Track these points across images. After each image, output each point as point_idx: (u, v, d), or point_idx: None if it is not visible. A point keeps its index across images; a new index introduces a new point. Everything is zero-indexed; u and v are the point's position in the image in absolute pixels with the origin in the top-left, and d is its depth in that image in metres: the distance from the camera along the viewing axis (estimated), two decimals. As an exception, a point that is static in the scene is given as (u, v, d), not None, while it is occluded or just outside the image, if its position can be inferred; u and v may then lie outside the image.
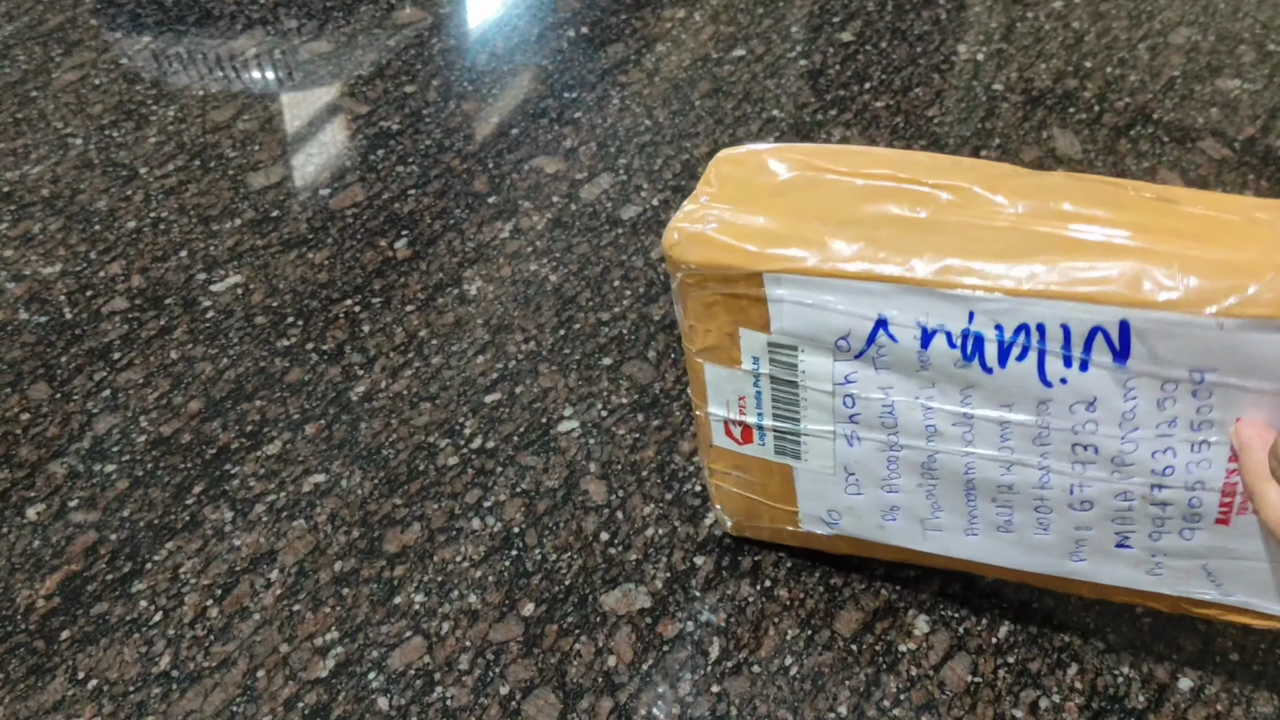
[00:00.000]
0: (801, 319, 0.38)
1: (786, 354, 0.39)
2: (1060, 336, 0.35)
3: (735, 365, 0.40)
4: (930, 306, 0.36)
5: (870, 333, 0.37)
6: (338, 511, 0.50)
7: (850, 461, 0.41)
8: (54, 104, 0.75)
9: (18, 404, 0.55)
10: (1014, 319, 0.35)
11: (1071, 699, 0.43)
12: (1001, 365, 0.36)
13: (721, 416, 0.42)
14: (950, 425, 0.38)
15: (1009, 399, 0.37)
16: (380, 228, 0.65)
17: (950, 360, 0.36)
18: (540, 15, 0.84)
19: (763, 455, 0.43)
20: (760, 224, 0.38)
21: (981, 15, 0.84)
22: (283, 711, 0.43)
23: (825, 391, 0.39)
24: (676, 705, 0.43)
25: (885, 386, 0.38)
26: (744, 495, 0.45)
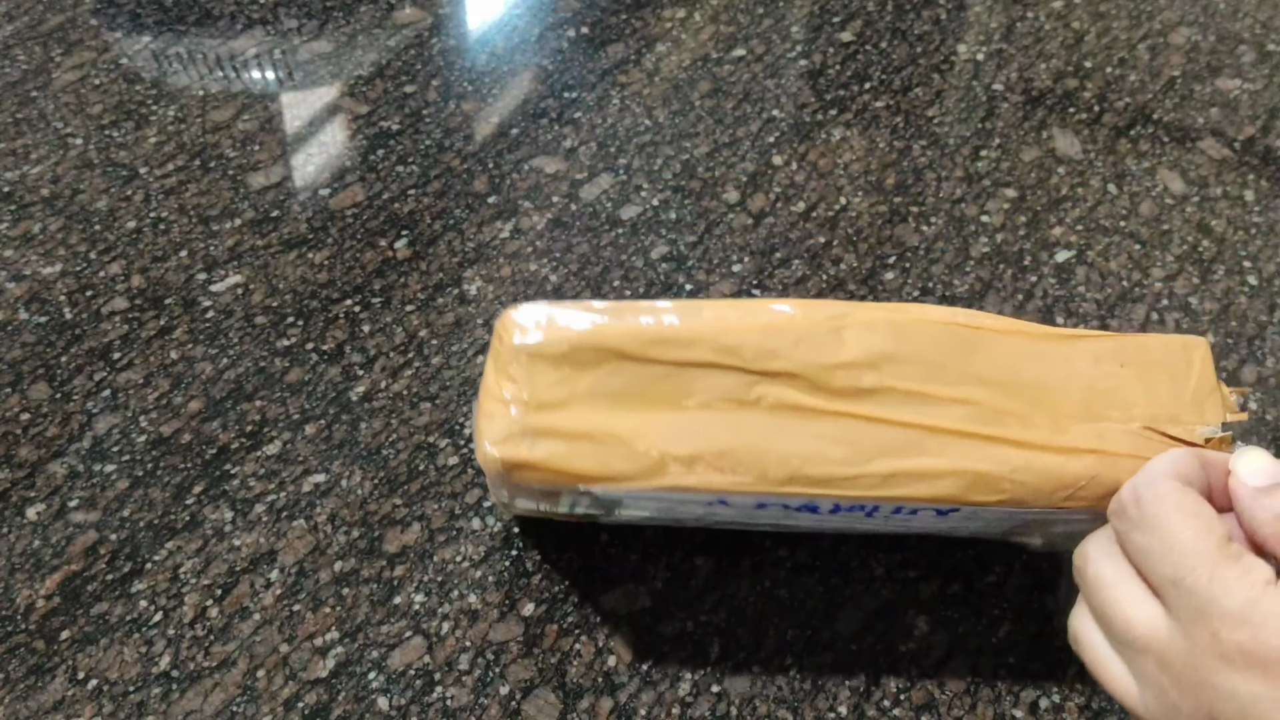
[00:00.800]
0: (636, 506, 0.39)
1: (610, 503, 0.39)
2: (890, 510, 0.37)
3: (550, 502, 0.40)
4: (773, 499, 0.37)
5: (707, 504, 0.38)
6: (338, 511, 0.50)
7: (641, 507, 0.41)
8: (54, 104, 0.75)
9: (18, 404, 0.55)
10: (859, 502, 0.37)
11: (1071, 699, 0.43)
12: (833, 513, 0.38)
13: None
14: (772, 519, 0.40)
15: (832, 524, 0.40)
16: (380, 228, 0.65)
17: (781, 512, 0.38)
18: (540, 15, 0.84)
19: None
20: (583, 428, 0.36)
21: (981, 15, 0.84)
22: (283, 711, 0.43)
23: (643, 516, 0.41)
24: (676, 705, 0.43)
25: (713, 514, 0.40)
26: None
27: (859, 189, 0.67)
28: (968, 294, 0.60)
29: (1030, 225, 0.64)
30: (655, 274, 0.61)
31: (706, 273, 0.61)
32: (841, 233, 0.64)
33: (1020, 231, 0.64)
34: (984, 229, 0.64)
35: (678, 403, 0.36)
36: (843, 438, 0.36)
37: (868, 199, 0.66)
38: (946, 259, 0.62)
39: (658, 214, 0.65)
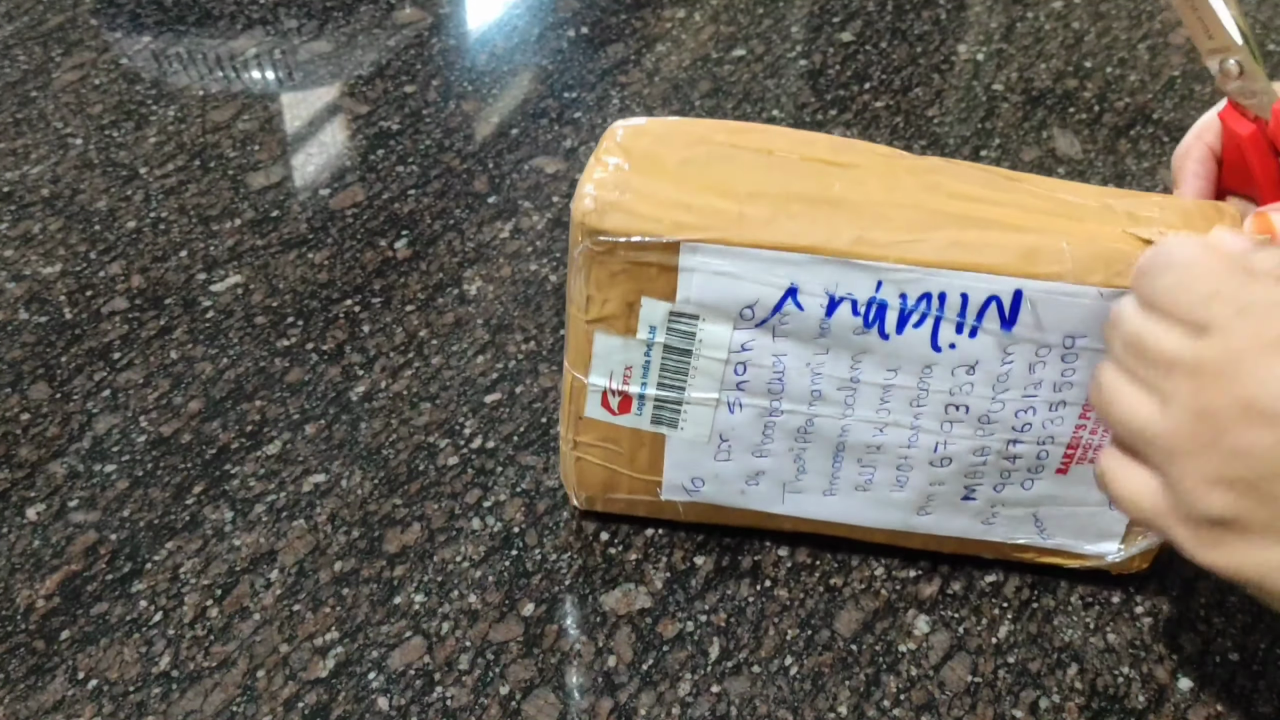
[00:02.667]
0: (710, 288, 0.39)
1: (687, 323, 0.40)
2: (958, 305, 0.38)
3: (630, 334, 0.41)
4: (842, 276, 0.38)
5: (778, 301, 0.39)
6: (338, 511, 0.50)
7: (727, 428, 0.43)
8: (54, 104, 0.75)
9: (18, 404, 0.55)
10: (918, 288, 0.38)
11: (1071, 699, 0.43)
12: (899, 332, 0.39)
13: (601, 386, 0.43)
14: (835, 389, 0.41)
15: (896, 364, 0.40)
16: (380, 228, 0.65)
17: (850, 328, 0.39)
18: (540, 15, 0.84)
19: (636, 425, 0.44)
20: (674, 195, 0.39)
21: (981, 15, 0.84)
22: (283, 711, 0.43)
23: (718, 359, 0.41)
24: (676, 705, 0.43)
25: (779, 354, 0.40)
26: (606, 467, 0.45)
27: (859, 189, 0.67)
28: (968, 294, 0.60)
29: (1030, 225, 0.64)
30: (655, 274, 0.61)
31: (706, 273, 0.61)
32: (841, 233, 0.64)
33: (1020, 231, 0.64)
34: (984, 229, 0.64)
35: (759, 183, 0.39)
36: (908, 212, 0.38)
37: (868, 199, 0.66)
38: (946, 259, 0.62)
39: (658, 214, 0.65)
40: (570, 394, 0.44)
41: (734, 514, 0.46)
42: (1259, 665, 0.44)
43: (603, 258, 0.39)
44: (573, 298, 0.41)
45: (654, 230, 0.38)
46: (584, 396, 0.43)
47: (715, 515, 0.47)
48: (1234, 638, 0.45)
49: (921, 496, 0.43)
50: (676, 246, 0.38)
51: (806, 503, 0.45)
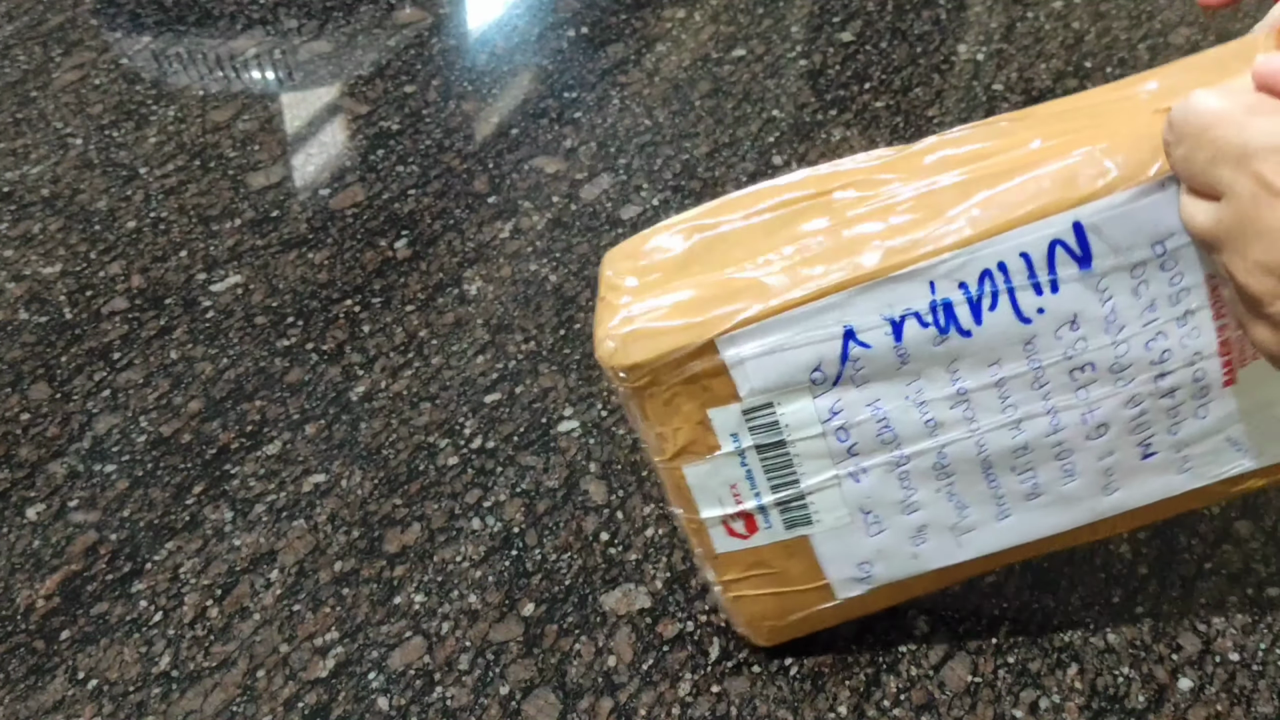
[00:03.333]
0: (768, 370, 0.36)
1: (763, 415, 0.37)
2: (1023, 267, 0.34)
3: (715, 452, 0.38)
4: (890, 296, 0.35)
5: (841, 351, 0.36)
6: (338, 511, 0.50)
7: (863, 500, 0.39)
8: (54, 104, 0.75)
9: (18, 404, 0.55)
10: (974, 269, 0.34)
11: (1071, 699, 0.43)
12: (978, 322, 0.35)
13: (718, 517, 0.39)
14: (948, 410, 0.37)
15: (995, 355, 0.35)
16: (380, 228, 0.65)
17: (928, 340, 0.35)
18: (540, 15, 0.84)
19: (772, 539, 0.40)
20: (687, 296, 0.36)
21: (981, 15, 0.84)
22: (283, 711, 0.43)
23: (815, 435, 0.37)
24: (676, 705, 0.43)
25: (872, 401, 0.37)
26: (766, 595, 0.41)
27: (859, 189, 0.67)
28: (968, 294, 0.60)
29: (1030, 225, 0.64)
30: (655, 274, 0.61)
31: (706, 273, 0.61)
32: (841, 233, 0.64)
33: (1020, 231, 0.64)
34: (984, 229, 0.64)
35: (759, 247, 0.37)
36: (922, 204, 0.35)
37: (868, 199, 0.66)
38: (946, 259, 0.62)
39: (658, 214, 0.65)
40: (693, 538, 0.41)
41: (920, 581, 0.41)
42: (1259, 665, 0.44)
43: (650, 390, 0.37)
44: (645, 443, 0.39)
45: (683, 340, 0.36)
46: (706, 535, 0.40)
47: (904, 591, 0.42)
48: (1234, 638, 0.45)
49: (1098, 476, 0.38)
50: (713, 345, 0.35)
51: (984, 537, 0.39)
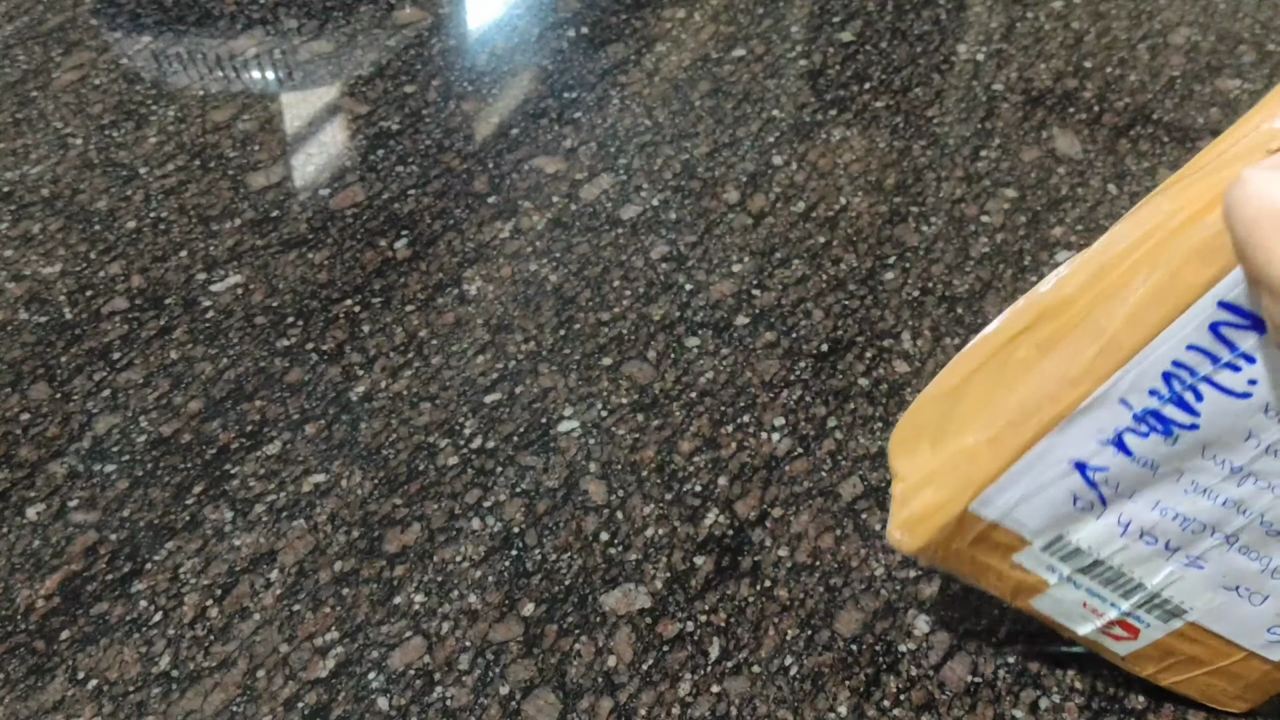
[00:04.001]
0: (1033, 513, 0.37)
1: (1062, 545, 0.38)
2: (1199, 357, 0.32)
3: (1046, 586, 0.39)
4: (1093, 425, 0.34)
5: (1084, 480, 0.35)
6: (338, 511, 0.50)
7: (1221, 579, 0.37)
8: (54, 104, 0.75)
9: (18, 404, 0.55)
10: (1152, 376, 0.33)
11: (1071, 699, 0.43)
12: (1194, 414, 0.33)
13: (1095, 629, 0.40)
14: (1237, 488, 0.34)
15: (1242, 430, 0.33)
16: (380, 228, 0.65)
17: (1160, 444, 0.34)
18: (540, 15, 0.84)
19: (1162, 633, 0.40)
20: (933, 469, 0.38)
21: (981, 15, 0.84)
22: (283, 711, 0.43)
23: (1123, 548, 0.37)
24: (676, 705, 0.43)
25: (1154, 505, 0.36)
26: (1201, 675, 0.41)
27: (859, 189, 0.67)
28: (968, 294, 0.60)
29: (1030, 225, 0.64)
30: (655, 274, 0.61)
31: (706, 273, 0.61)
32: (841, 233, 0.64)
33: (1020, 231, 0.64)
34: (984, 229, 0.64)
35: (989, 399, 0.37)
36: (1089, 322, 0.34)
37: (868, 199, 0.66)
38: (946, 259, 0.62)
39: (658, 214, 0.65)
40: (1096, 651, 0.42)
41: None
42: (1259, 665, 0.44)
43: (951, 561, 0.39)
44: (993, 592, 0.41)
45: (944, 518, 0.37)
46: (1102, 646, 0.41)
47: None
48: (1234, 638, 0.45)
49: None
50: (976, 517, 0.37)
51: None
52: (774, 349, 0.57)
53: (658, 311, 0.59)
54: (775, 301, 0.59)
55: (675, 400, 0.54)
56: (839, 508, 0.50)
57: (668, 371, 0.56)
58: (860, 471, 0.51)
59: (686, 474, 0.51)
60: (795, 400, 0.54)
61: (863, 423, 0.53)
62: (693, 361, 0.56)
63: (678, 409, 0.54)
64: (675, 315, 0.59)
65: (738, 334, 0.58)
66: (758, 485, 0.51)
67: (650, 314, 0.59)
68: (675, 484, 0.51)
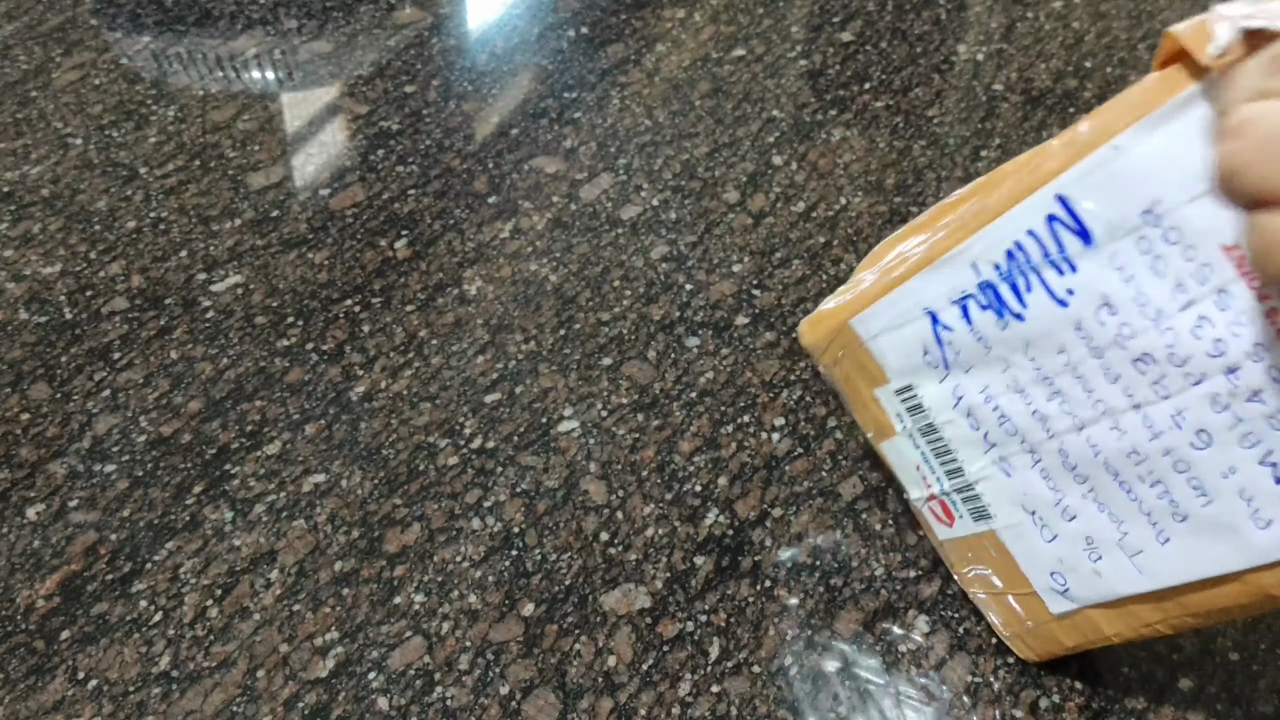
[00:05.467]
0: (895, 349, 0.38)
1: (910, 396, 0.39)
2: (1035, 246, 0.33)
3: (894, 434, 0.41)
4: (948, 279, 0.36)
5: (934, 333, 0.37)
6: (338, 511, 0.50)
7: (1021, 496, 0.36)
8: (54, 104, 0.75)
9: (18, 404, 0.55)
10: (999, 249, 0.34)
11: (1071, 699, 0.43)
12: (1023, 305, 0.34)
13: (922, 498, 0.42)
14: (1045, 401, 0.34)
15: (1056, 341, 0.33)
16: (380, 228, 0.65)
17: (992, 324, 0.35)
18: (540, 15, 0.84)
19: (970, 530, 0.39)
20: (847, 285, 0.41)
21: (981, 15, 0.84)
22: (283, 711, 0.43)
23: (952, 420, 0.37)
24: (676, 705, 0.43)
25: (982, 388, 0.36)
26: (998, 595, 0.40)
27: (859, 189, 0.67)
28: (968, 294, 0.60)
29: (1030, 225, 0.64)
30: (655, 274, 0.61)
31: (706, 273, 0.61)
32: (841, 233, 0.64)
33: (1020, 231, 0.64)
34: (984, 229, 0.64)
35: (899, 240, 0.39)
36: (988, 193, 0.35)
37: (868, 199, 0.66)
38: (946, 259, 0.62)
39: (658, 214, 0.65)
40: (922, 524, 0.43)
41: (1139, 611, 0.36)
42: (1259, 665, 0.44)
43: (833, 371, 0.42)
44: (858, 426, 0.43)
45: (832, 323, 0.40)
46: (925, 520, 0.42)
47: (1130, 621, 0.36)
48: (1234, 638, 0.45)
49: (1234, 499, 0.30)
50: (853, 331, 0.39)
51: (1157, 564, 0.33)
52: (774, 349, 0.57)
53: (658, 311, 0.59)
54: (775, 301, 0.59)
55: (675, 400, 0.54)
56: (839, 508, 0.50)
57: (668, 371, 0.56)
58: (860, 471, 0.51)
59: (686, 474, 0.51)
60: (795, 400, 0.54)
61: (863, 423, 0.53)
62: (693, 361, 0.56)
63: (678, 409, 0.54)
64: (675, 315, 0.59)
65: (738, 334, 0.58)
66: (758, 485, 0.51)
67: (650, 314, 0.59)
68: (675, 484, 0.51)
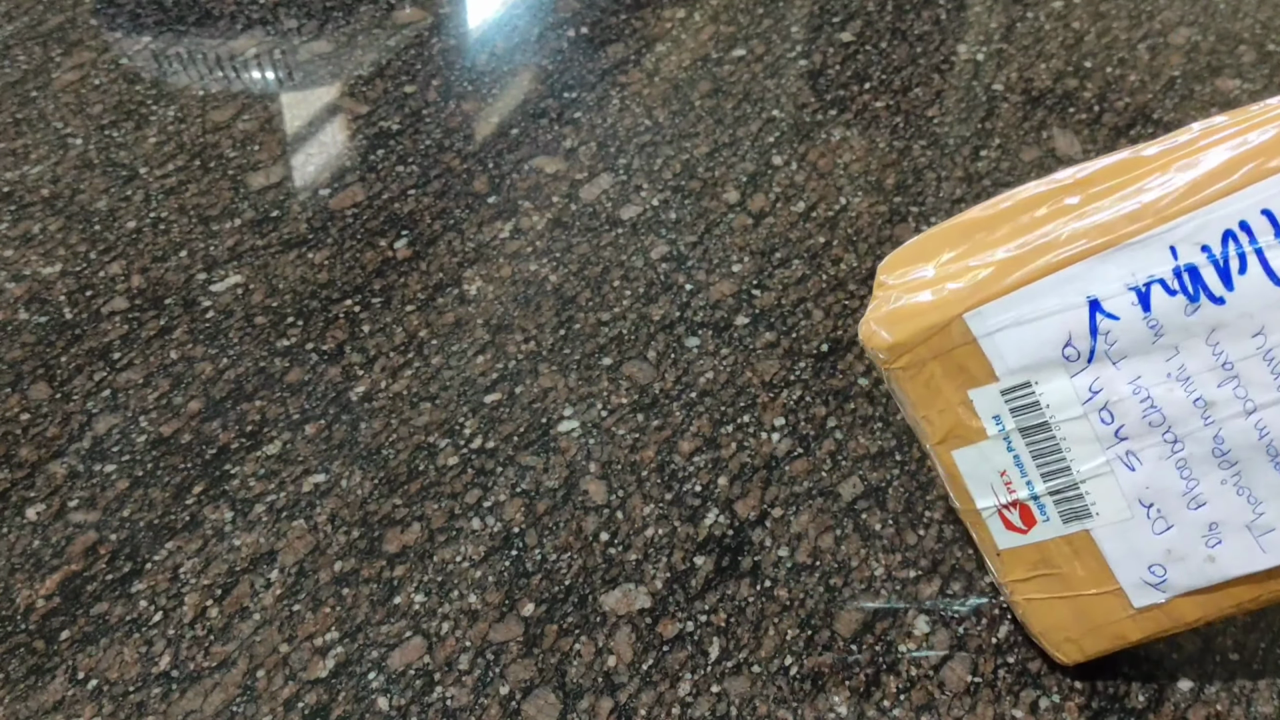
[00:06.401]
0: (1019, 344, 0.36)
1: (1023, 395, 0.37)
2: (1268, 226, 0.32)
3: (982, 438, 0.38)
4: (1131, 263, 0.34)
5: (1090, 323, 0.35)
6: (338, 511, 0.50)
7: (1141, 490, 0.36)
8: (54, 104, 0.75)
9: (18, 404, 0.55)
10: (1215, 231, 0.33)
11: (1071, 699, 0.43)
12: (1229, 288, 0.33)
13: (994, 506, 0.39)
14: (1216, 388, 0.34)
15: (1257, 323, 0.33)
16: (380, 228, 0.65)
17: (1179, 310, 0.34)
18: (540, 15, 0.84)
19: (1054, 533, 0.39)
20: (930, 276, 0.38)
21: (981, 15, 0.84)
22: (283, 711, 0.43)
23: (1077, 417, 0.36)
24: (676, 705, 0.43)
25: (1132, 379, 0.35)
26: (1058, 599, 0.40)
27: (859, 189, 0.67)
28: (968, 294, 0.60)
29: (1030, 225, 0.64)
30: (655, 274, 0.61)
31: (706, 273, 0.61)
32: (841, 233, 0.64)
33: (1020, 231, 0.64)
34: (984, 229, 0.64)
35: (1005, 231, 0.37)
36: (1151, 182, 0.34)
37: (868, 199, 0.66)
38: (946, 259, 0.62)
39: (658, 214, 0.65)
40: (975, 533, 0.41)
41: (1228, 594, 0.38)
42: (1259, 665, 0.44)
43: (910, 373, 0.38)
44: (916, 432, 0.40)
45: (933, 318, 0.37)
46: (986, 529, 0.40)
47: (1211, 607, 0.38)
48: (1234, 637, 0.45)
49: None
50: (962, 321, 0.36)
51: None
52: (774, 349, 0.57)
53: (658, 311, 0.59)
54: (775, 301, 0.59)
55: (675, 400, 0.54)
56: (839, 508, 0.50)
57: (668, 371, 0.56)
58: (860, 471, 0.51)
59: (686, 474, 0.51)
60: (795, 400, 0.54)
61: (863, 423, 0.53)
62: (693, 361, 0.56)
63: (678, 409, 0.54)
64: (675, 315, 0.59)
65: (738, 334, 0.58)
66: (758, 485, 0.51)
67: (650, 314, 0.59)
68: (675, 484, 0.51)
